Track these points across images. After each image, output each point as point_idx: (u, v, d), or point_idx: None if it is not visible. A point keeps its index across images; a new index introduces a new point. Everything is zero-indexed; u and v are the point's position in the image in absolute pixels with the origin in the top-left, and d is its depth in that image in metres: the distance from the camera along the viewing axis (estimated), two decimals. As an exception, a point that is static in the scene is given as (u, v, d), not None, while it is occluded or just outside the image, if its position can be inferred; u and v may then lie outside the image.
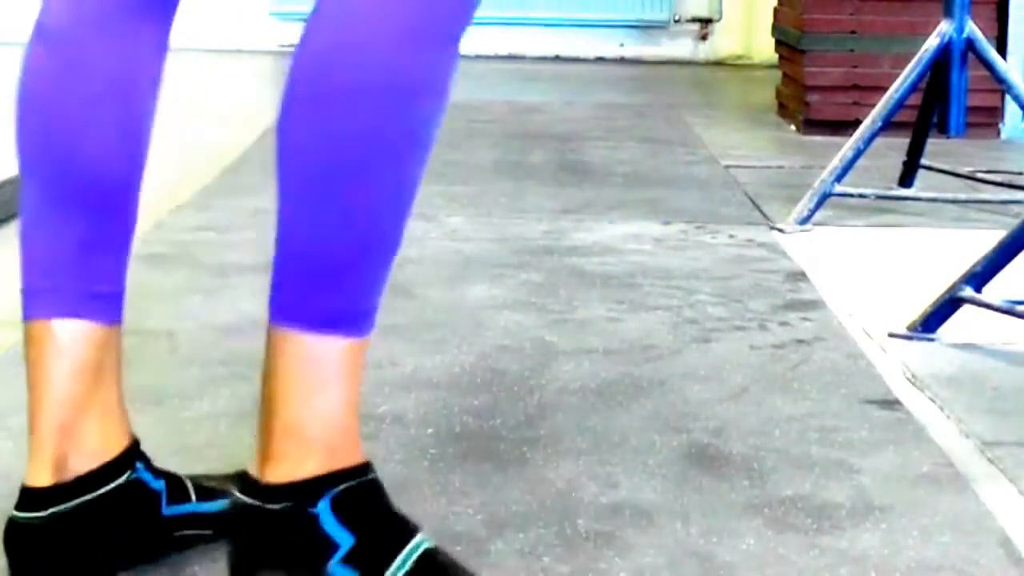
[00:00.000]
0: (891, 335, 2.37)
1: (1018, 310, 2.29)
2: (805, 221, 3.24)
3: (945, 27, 3.34)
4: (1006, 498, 1.70)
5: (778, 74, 5.22)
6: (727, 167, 4.00)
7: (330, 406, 1.31)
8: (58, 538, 1.34)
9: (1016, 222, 2.36)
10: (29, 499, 1.34)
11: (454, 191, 3.43)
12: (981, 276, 2.34)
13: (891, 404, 2.00)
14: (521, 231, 3.08)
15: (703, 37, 7.10)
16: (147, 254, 2.78)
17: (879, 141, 3.38)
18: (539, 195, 3.51)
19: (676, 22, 7.08)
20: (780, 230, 3.19)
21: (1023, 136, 4.64)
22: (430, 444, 1.79)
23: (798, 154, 4.27)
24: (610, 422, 1.89)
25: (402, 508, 1.55)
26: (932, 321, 2.36)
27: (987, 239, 2.43)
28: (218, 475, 1.53)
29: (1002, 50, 4.47)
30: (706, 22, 7.10)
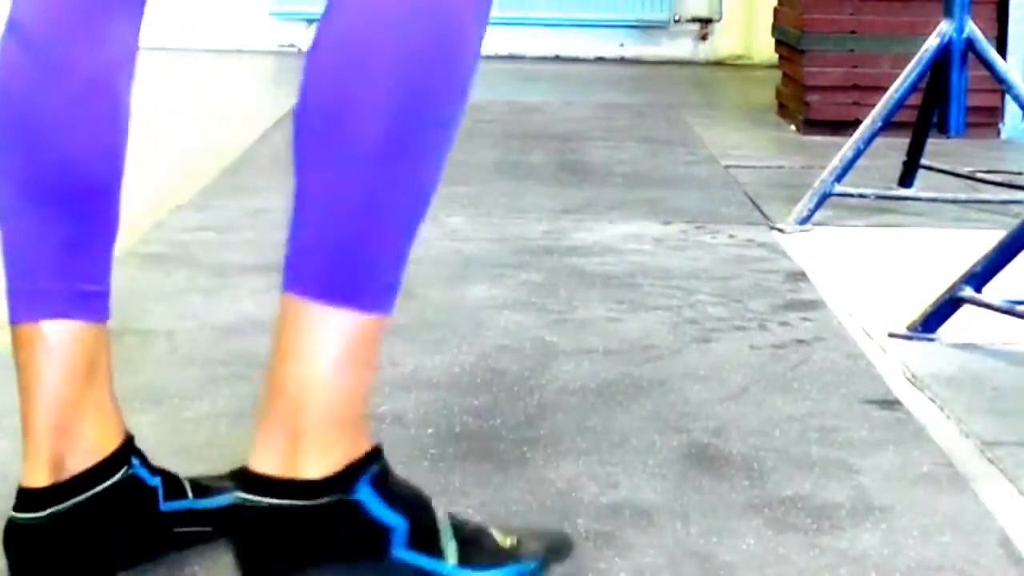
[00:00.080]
0: (891, 335, 2.37)
1: (1018, 310, 2.29)
2: (805, 221, 3.24)
3: (945, 27, 3.34)
4: (1006, 498, 1.70)
5: (778, 74, 5.22)
6: (727, 167, 4.00)
7: (356, 383, 1.27)
8: (58, 537, 1.34)
9: (1016, 222, 2.36)
10: (27, 500, 1.34)
11: (454, 191, 3.43)
12: (981, 276, 2.34)
13: (891, 404, 2.00)
14: (521, 231, 3.08)
15: (703, 37, 7.10)
16: (147, 254, 2.78)
17: (879, 141, 3.38)
18: (539, 195, 3.51)
19: (676, 22, 7.08)
20: (780, 230, 3.19)
21: (1023, 136, 4.64)
22: (430, 444, 1.79)
23: (798, 154, 4.27)
24: (610, 422, 1.89)
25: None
26: (932, 321, 2.36)
27: (987, 239, 2.42)
28: (217, 475, 1.54)
29: (1002, 50, 4.46)
30: (706, 22, 7.10)
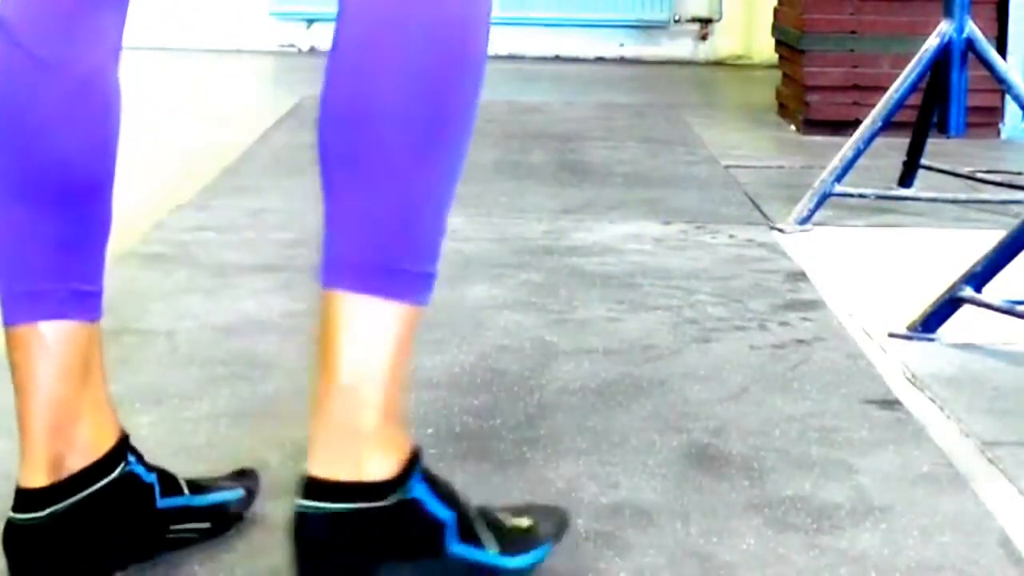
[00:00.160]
0: (891, 335, 2.37)
1: (1018, 310, 2.29)
2: (805, 221, 3.24)
3: (945, 27, 3.34)
4: (1006, 498, 1.70)
5: (778, 74, 5.22)
6: (727, 167, 4.00)
7: (403, 376, 1.27)
8: (57, 537, 1.34)
9: (1016, 222, 2.36)
10: (26, 500, 1.34)
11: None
12: (981, 276, 2.34)
13: (891, 404, 2.00)
14: (521, 231, 3.08)
15: (703, 37, 7.10)
16: (147, 254, 2.78)
17: (879, 141, 3.38)
18: (539, 195, 3.51)
19: (676, 22, 7.08)
20: (780, 230, 3.19)
21: (1023, 136, 4.64)
22: (430, 444, 1.79)
23: (798, 154, 4.27)
24: (610, 422, 1.89)
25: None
26: (932, 321, 2.36)
27: (987, 239, 2.43)
28: (212, 477, 1.54)
29: (1002, 50, 4.46)
30: (706, 22, 7.09)
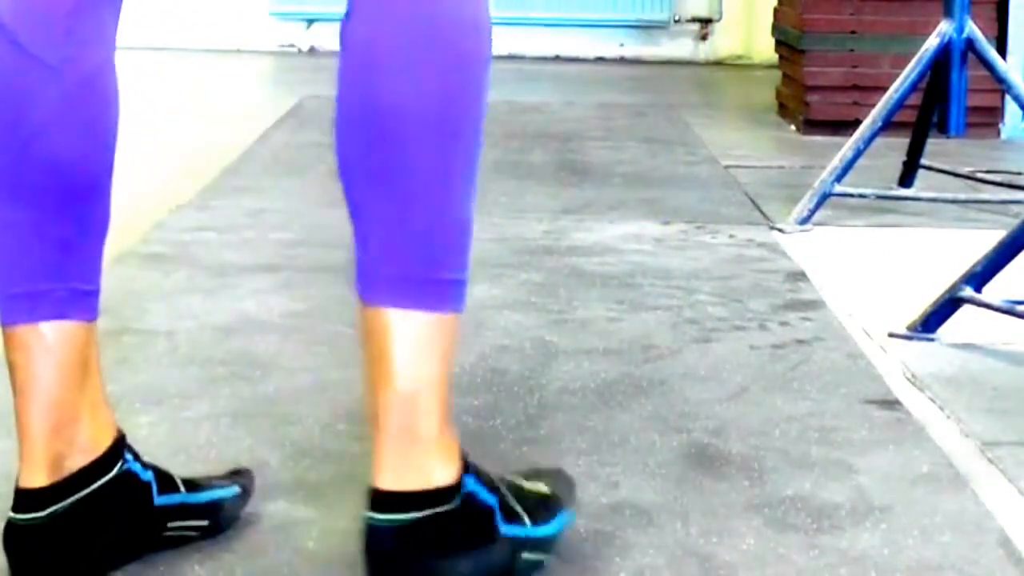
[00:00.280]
0: (891, 335, 2.37)
1: (1018, 310, 2.29)
2: (805, 221, 3.24)
3: (945, 27, 3.34)
4: (1006, 498, 1.70)
5: (778, 74, 5.22)
6: (727, 167, 4.00)
7: (449, 378, 1.33)
8: (58, 536, 1.34)
9: (1016, 222, 2.36)
10: (26, 500, 1.34)
11: (454, 191, 3.42)
12: (981, 276, 2.34)
13: (891, 404, 2.00)
14: (521, 231, 3.08)
15: (703, 37, 7.10)
16: (147, 254, 2.78)
17: (879, 141, 3.38)
18: (539, 195, 3.51)
19: (676, 22, 7.08)
20: (780, 230, 3.19)
21: (1023, 136, 4.64)
22: (430, 444, 1.79)
23: (798, 154, 4.27)
24: (610, 422, 1.89)
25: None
26: (932, 321, 2.36)
27: (987, 239, 2.43)
28: (208, 476, 1.53)
29: (1002, 50, 4.46)
30: (706, 22, 7.09)
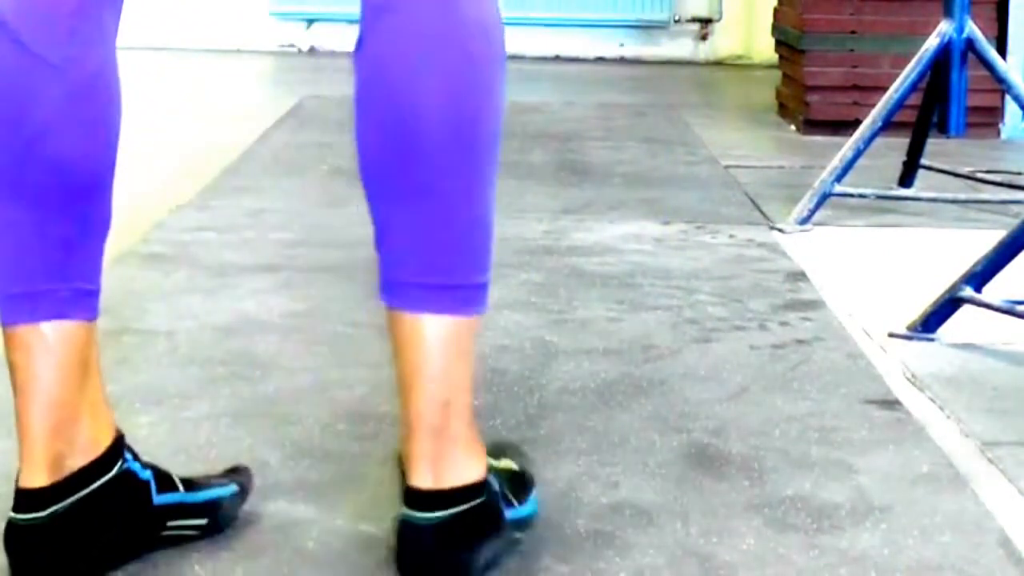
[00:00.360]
0: (891, 335, 2.37)
1: (1018, 310, 2.29)
2: (805, 221, 3.24)
3: (945, 27, 3.34)
4: (1006, 498, 1.70)
5: (778, 74, 5.22)
6: (727, 167, 3.99)
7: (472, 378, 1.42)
8: (59, 536, 1.34)
9: (1016, 222, 2.36)
10: (27, 500, 1.34)
11: (454, 191, 3.42)
12: (981, 276, 2.34)
13: (891, 404, 2.00)
14: (521, 231, 3.07)
15: (703, 37, 7.10)
16: (147, 254, 2.78)
17: (879, 141, 3.38)
18: (539, 195, 3.51)
19: (676, 22, 7.08)
20: (780, 230, 3.19)
21: (1023, 136, 4.64)
22: (430, 444, 1.79)
23: (798, 154, 4.27)
24: (610, 422, 1.89)
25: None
26: (932, 321, 2.36)
27: (987, 239, 2.42)
28: (206, 476, 1.53)
29: (1002, 50, 4.46)
30: (706, 22, 7.09)
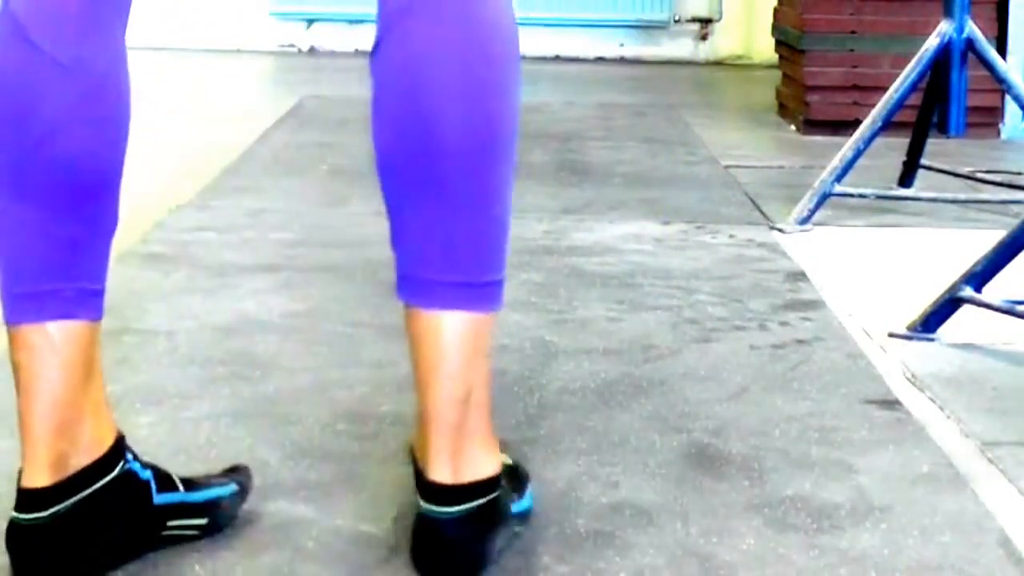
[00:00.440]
0: (891, 335, 2.37)
1: (1018, 310, 2.29)
2: (805, 221, 3.24)
3: (945, 27, 3.34)
4: (1006, 498, 1.70)
5: (778, 74, 5.22)
6: (727, 167, 3.99)
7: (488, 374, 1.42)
8: (61, 536, 1.34)
9: (1016, 222, 2.36)
10: (29, 500, 1.34)
11: (454, 191, 3.42)
12: (981, 276, 2.34)
13: (891, 404, 2.00)
14: (521, 231, 3.07)
15: (703, 37, 7.10)
16: (147, 254, 2.78)
17: (879, 141, 3.38)
18: (539, 195, 3.51)
19: (676, 22, 7.08)
20: (780, 230, 3.19)
21: (1023, 136, 4.64)
22: (430, 444, 1.79)
23: (798, 154, 4.27)
24: (610, 422, 1.89)
25: (403, 509, 1.56)
26: (932, 321, 2.36)
27: (987, 239, 2.43)
28: (205, 475, 1.54)
29: (1002, 50, 4.46)
30: (706, 22, 7.09)
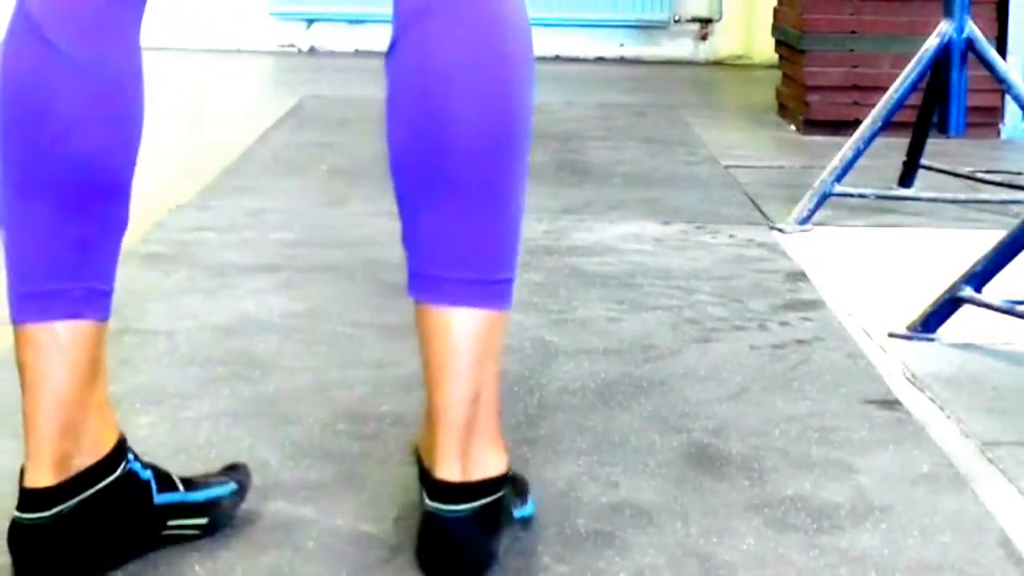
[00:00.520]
0: (891, 335, 2.37)
1: (1018, 310, 2.29)
2: (805, 221, 3.24)
3: (945, 27, 3.34)
4: (1006, 498, 1.70)
5: (778, 74, 5.22)
6: (727, 167, 3.99)
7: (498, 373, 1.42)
8: (64, 535, 1.34)
9: (1016, 222, 2.36)
10: (32, 500, 1.34)
11: (454, 191, 3.42)
12: (981, 276, 2.34)
13: (891, 404, 2.00)
14: (521, 231, 3.07)
15: (703, 37, 7.10)
16: (147, 254, 2.77)
17: (879, 141, 3.38)
18: (539, 195, 3.51)
19: (676, 22, 7.07)
20: (780, 230, 3.19)
21: (1023, 136, 4.64)
22: (430, 444, 1.79)
23: (798, 154, 4.27)
24: (610, 422, 1.89)
25: (403, 509, 1.56)
26: (932, 321, 2.36)
27: (987, 239, 2.43)
28: (204, 474, 1.54)
29: (1002, 50, 4.46)
30: (706, 22, 7.09)
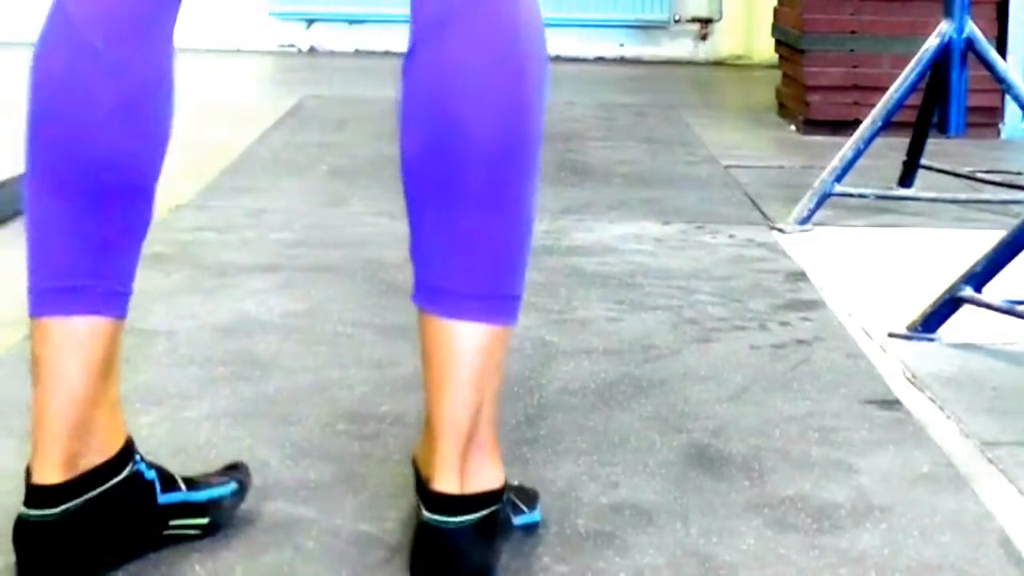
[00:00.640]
0: (891, 335, 2.37)
1: (1018, 310, 2.29)
2: (805, 221, 3.24)
3: (945, 27, 3.34)
4: (1006, 498, 1.70)
5: (778, 74, 5.22)
6: (727, 167, 4.00)
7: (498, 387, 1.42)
8: (70, 533, 1.35)
9: (1016, 222, 2.36)
10: (40, 496, 1.34)
11: (454, 191, 3.42)
12: (981, 276, 2.34)
13: (891, 404, 2.00)
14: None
15: (703, 37, 7.10)
16: (147, 254, 2.74)
17: (879, 141, 3.38)
18: (539, 195, 3.50)
19: (676, 22, 7.08)
20: (780, 230, 3.19)
21: (1023, 136, 4.64)
22: (430, 444, 1.79)
23: (798, 154, 4.27)
24: (610, 422, 1.89)
25: (403, 509, 1.56)
26: (932, 321, 2.36)
27: (987, 239, 2.43)
28: (204, 474, 1.54)
29: (1002, 50, 4.46)
30: (706, 22, 7.09)
